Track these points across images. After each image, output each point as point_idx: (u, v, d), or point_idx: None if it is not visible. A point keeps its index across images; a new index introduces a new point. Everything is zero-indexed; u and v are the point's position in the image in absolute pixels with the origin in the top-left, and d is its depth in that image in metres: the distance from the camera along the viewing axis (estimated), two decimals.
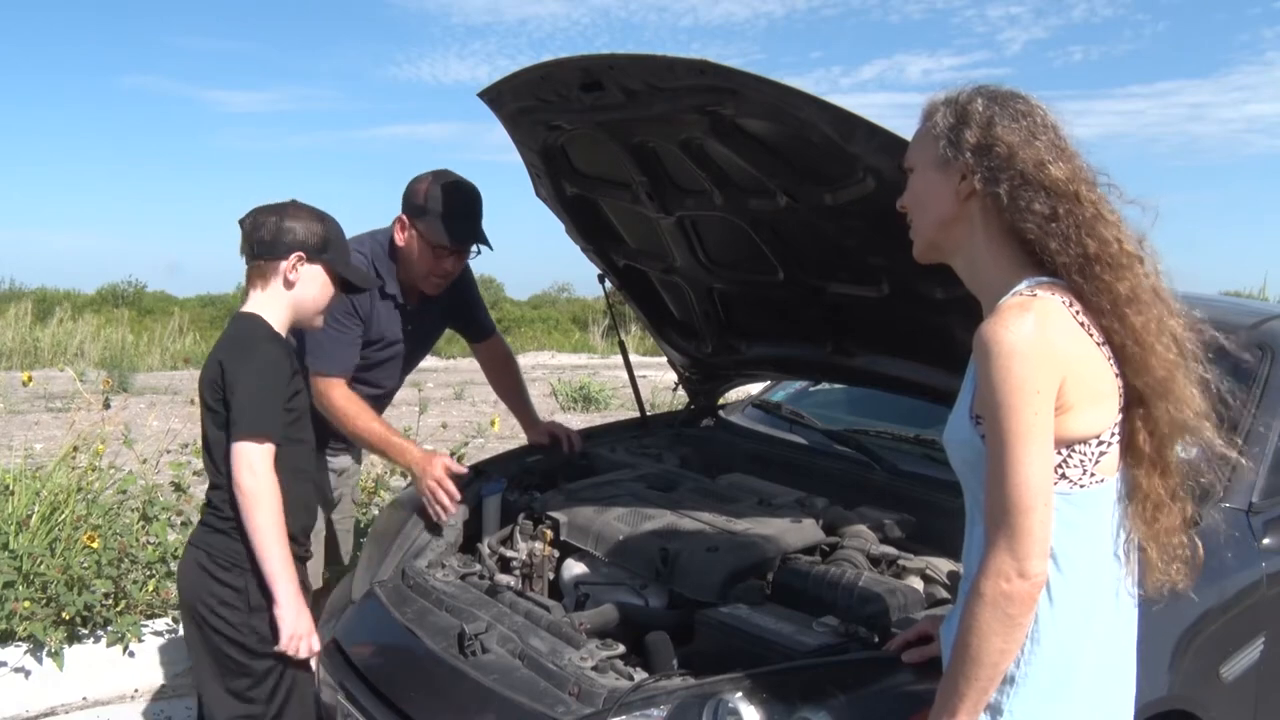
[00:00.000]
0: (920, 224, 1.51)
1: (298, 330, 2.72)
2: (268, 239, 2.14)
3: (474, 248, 2.75)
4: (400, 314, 2.79)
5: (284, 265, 2.14)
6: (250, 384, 2.05)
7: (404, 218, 2.71)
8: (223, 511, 2.07)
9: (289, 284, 2.16)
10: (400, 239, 2.72)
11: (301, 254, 2.15)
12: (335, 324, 2.64)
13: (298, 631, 2.06)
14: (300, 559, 2.17)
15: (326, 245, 2.18)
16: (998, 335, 1.32)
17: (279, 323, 2.17)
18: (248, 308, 2.17)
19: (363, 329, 2.72)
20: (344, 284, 2.26)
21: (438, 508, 2.58)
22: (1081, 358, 1.37)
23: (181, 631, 3.48)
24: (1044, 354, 1.32)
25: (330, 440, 2.89)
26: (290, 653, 2.06)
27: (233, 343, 2.12)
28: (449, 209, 2.66)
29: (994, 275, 1.44)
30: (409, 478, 2.71)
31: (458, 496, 2.59)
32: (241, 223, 2.18)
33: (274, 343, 2.12)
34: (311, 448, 2.24)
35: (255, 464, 2.01)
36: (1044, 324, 1.33)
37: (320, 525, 2.89)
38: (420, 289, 2.79)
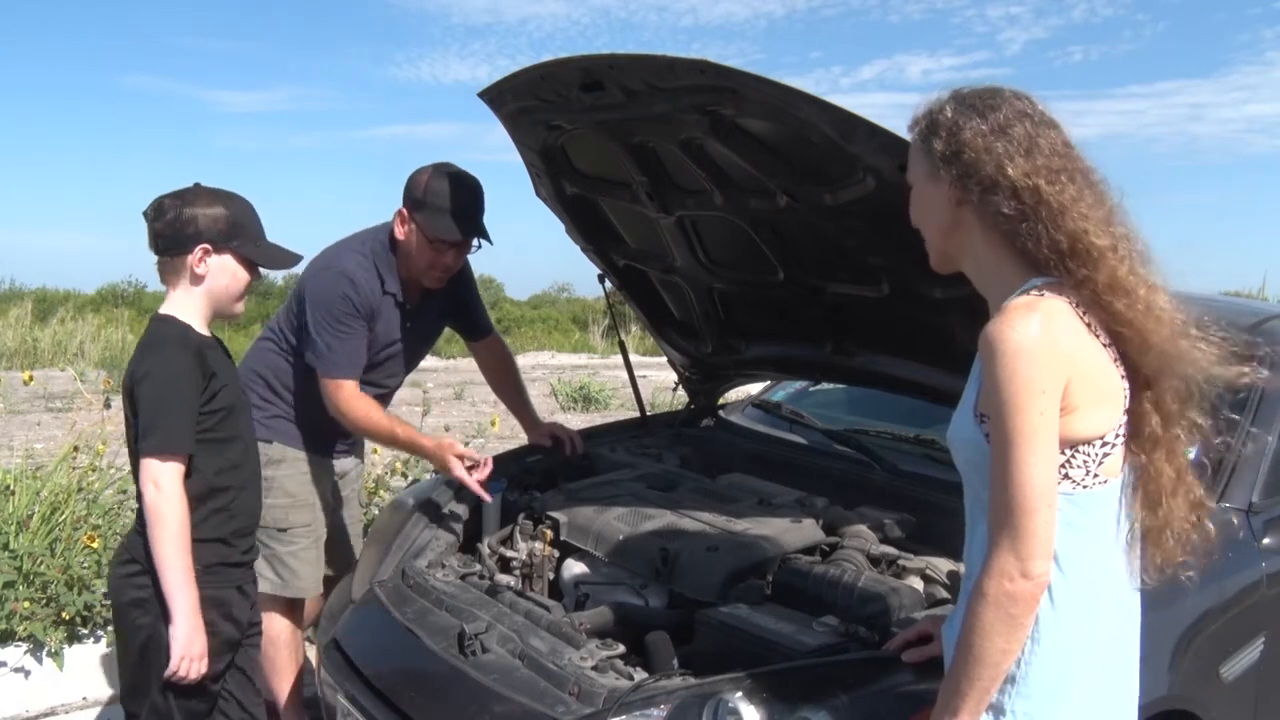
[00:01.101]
0: (928, 237, 1.52)
1: (298, 333, 2.72)
2: (168, 233, 2.05)
3: (475, 242, 2.73)
4: (400, 312, 2.78)
5: (190, 260, 2.05)
6: (154, 397, 1.99)
7: (404, 211, 2.68)
8: (140, 513, 2.05)
9: (197, 279, 2.06)
10: (400, 232, 2.69)
11: (207, 245, 2.05)
12: (338, 326, 2.63)
13: (189, 653, 1.99)
14: (238, 564, 2.14)
15: (232, 232, 2.07)
16: (1004, 334, 1.32)
17: (198, 319, 2.09)
18: (163, 308, 2.10)
19: (367, 327, 2.71)
20: (261, 267, 2.16)
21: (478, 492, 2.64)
22: (1087, 359, 1.37)
23: None
24: (1050, 354, 1.32)
25: (337, 441, 2.89)
26: (180, 674, 1.99)
27: (141, 351, 2.06)
28: (449, 202, 2.63)
29: (999, 277, 1.44)
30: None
31: (482, 479, 2.64)
32: (145, 214, 2.09)
33: (182, 347, 2.04)
34: (246, 445, 2.18)
35: (160, 480, 1.97)
36: (1050, 324, 1.33)
37: (321, 530, 2.89)
38: (421, 284, 2.78)
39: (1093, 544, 1.41)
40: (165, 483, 1.97)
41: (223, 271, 2.09)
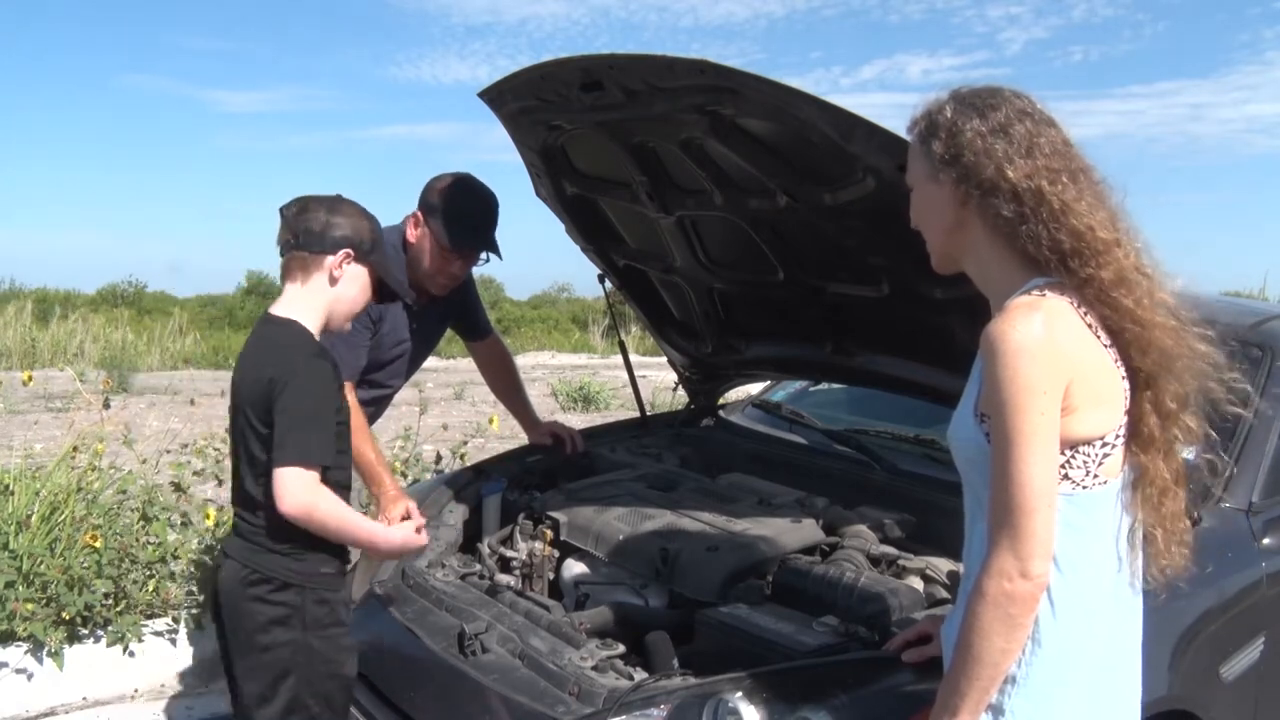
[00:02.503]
0: (929, 238, 1.52)
1: None
2: (316, 230, 2.02)
3: (483, 255, 2.75)
4: (408, 313, 2.78)
5: (330, 261, 2.03)
6: (303, 408, 1.95)
7: (419, 214, 2.70)
8: (266, 529, 1.99)
9: (333, 281, 2.05)
10: (412, 235, 2.71)
11: (350, 251, 2.05)
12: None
13: (401, 545, 2.14)
14: (341, 574, 2.12)
15: (374, 247, 2.09)
16: (1005, 334, 1.32)
17: (315, 326, 2.06)
18: (285, 311, 2.05)
19: (372, 331, 2.70)
20: (381, 290, 2.16)
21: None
22: (1088, 359, 1.36)
23: (183, 632, 3.50)
24: (1051, 354, 1.32)
25: None
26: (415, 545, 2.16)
27: (280, 357, 2.00)
28: (464, 213, 2.65)
29: (1002, 277, 1.44)
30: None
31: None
32: (284, 210, 2.08)
33: (323, 358, 2.03)
34: (350, 458, 2.18)
35: (299, 491, 1.92)
36: (1052, 324, 1.33)
37: None
38: (426, 288, 2.78)
39: (1092, 544, 1.41)
40: (305, 491, 1.92)
41: (354, 282, 2.08)
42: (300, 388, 1.95)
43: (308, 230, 2.03)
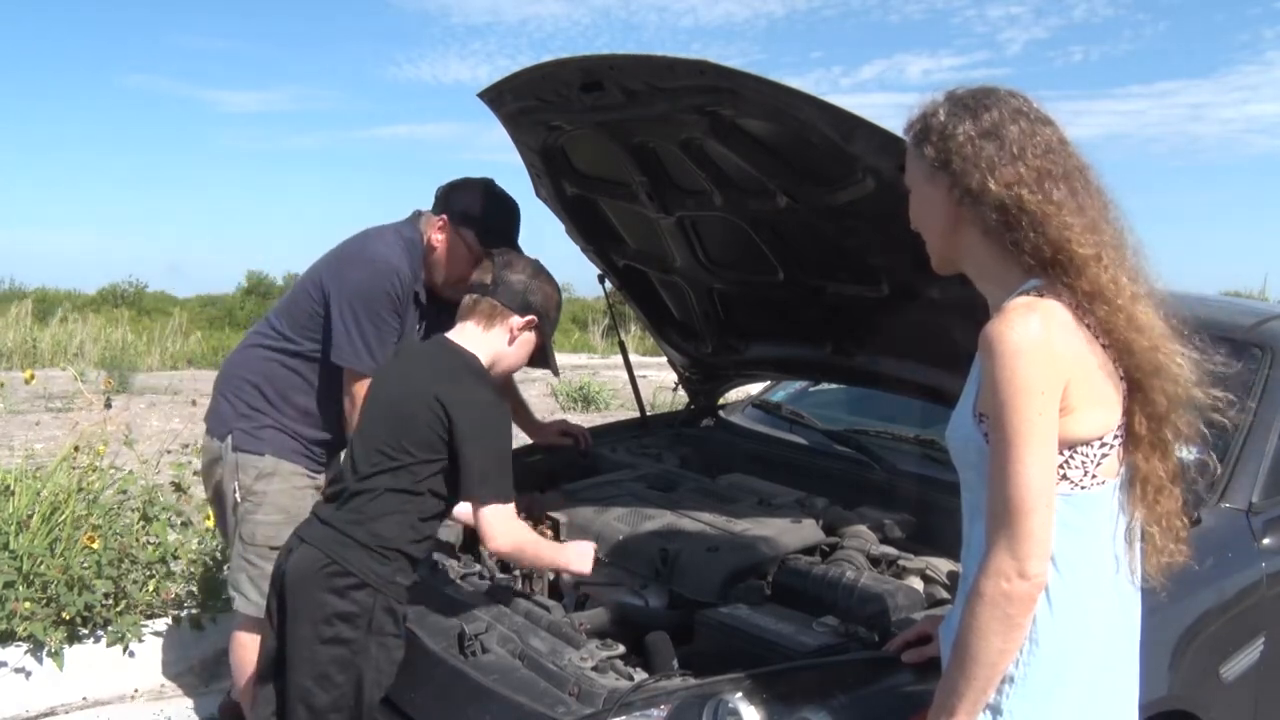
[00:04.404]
0: (928, 239, 1.52)
1: (318, 331, 2.67)
2: (518, 289, 2.15)
3: None
4: (419, 314, 2.75)
5: (516, 321, 2.14)
6: (500, 446, 2.07)
7: (445, 220, 2.63)
8: (363, 525, 2.02)
9: (511, 339, 2.15)
10: (438, 241, 2.64)
11: (535, 319, 2.16)
12: (381, 321, 2.56)
13: (586, 567, 2.17)
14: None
15: (553, 322, 2.21)
16: (1003, 335, 1.32)
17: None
18: (467, 343, 2.13)
19: (401, 330, 2.64)
20: (535, 358, 2.25)
21: None
22: (1086, 359, 1.37)
23: (183, 632, 3.50)
24: (1049, 355, 1.32)
25: (327, 452, 2.81)
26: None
27: (459, 383, 2.05)
28: (498, 220, 2.62)
29: (1000, 278, 1.44)
30: None
31: None
32: (495, 259, 2.19)
33: (500, 394, 2.13)
34: None
35: (505, 524, 2.06)
36: (1049, 325, 1.34)
37: None
38: (441, 292, 2.73)
39: (1090, 544, 1.41)
40: (509, 523, 2.07)
41: (524, 346, 2.19)
42: (495, 424, 2.06)
43: (508, 285, 2.14)
